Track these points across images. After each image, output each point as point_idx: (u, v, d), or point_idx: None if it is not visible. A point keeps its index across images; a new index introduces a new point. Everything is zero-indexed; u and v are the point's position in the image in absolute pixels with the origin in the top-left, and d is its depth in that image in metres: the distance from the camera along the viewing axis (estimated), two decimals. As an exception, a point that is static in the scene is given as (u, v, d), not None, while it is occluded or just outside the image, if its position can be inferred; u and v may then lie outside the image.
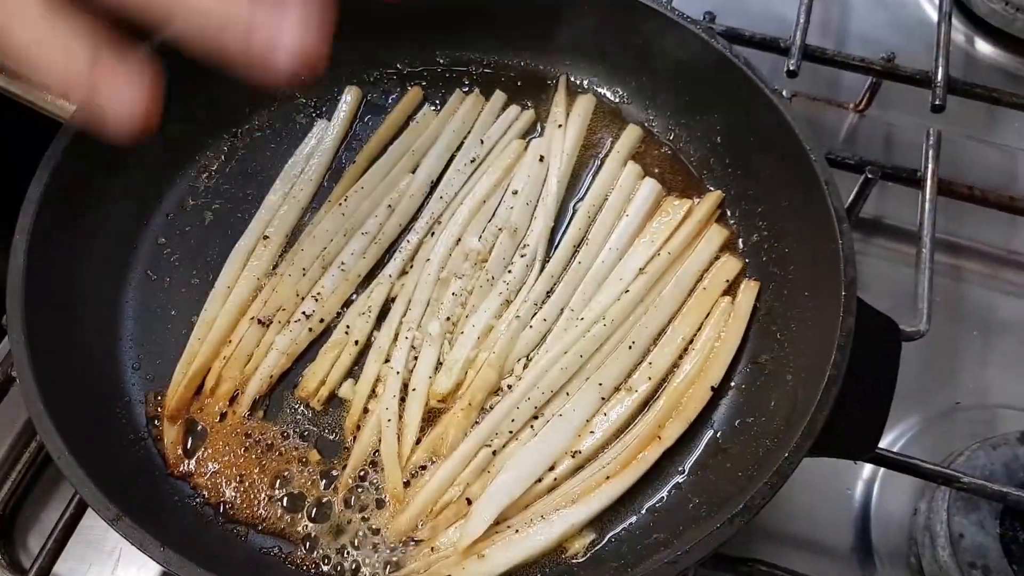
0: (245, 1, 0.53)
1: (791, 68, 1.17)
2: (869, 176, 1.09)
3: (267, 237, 1.00)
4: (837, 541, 0.98)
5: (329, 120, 1.08)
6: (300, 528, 0.85)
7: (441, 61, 1.13)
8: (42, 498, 0.99)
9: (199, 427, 0.90)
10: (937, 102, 1.15)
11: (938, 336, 1.02)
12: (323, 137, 1.07)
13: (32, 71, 0.52)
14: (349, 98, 1.09)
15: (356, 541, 0.84)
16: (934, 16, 1.23)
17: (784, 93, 1.19)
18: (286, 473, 0.87)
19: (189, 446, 0.89)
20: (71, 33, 0.51)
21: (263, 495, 0.86)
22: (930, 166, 1.10)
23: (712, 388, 0.90)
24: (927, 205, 1.07)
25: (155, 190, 1.02)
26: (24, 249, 0.85)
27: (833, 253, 0.85)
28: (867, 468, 1.01)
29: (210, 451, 0.88)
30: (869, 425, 0.84)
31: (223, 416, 0.90)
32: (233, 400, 0.91)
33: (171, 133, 1.02)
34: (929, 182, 1.09)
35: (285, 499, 0.86)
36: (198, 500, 0.86)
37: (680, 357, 0.93)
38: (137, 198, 1.00)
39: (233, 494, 0.86)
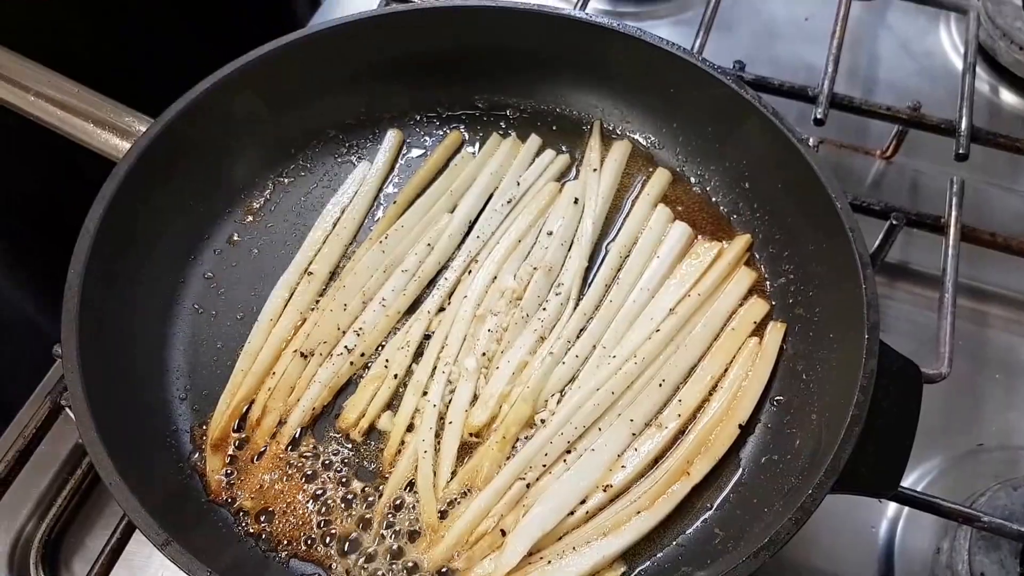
0: None
1: (818, 116, 1.20)
2: (894, 222, 1.11)
3: (311, 272, 1.03)
4: (861, 578, 1.00)
5: (371, 161, 1.12)
6: (339, 556, 0.86)
7: (480, 105, 1.16)
8: (86, 524, 1.01)
9: (242, 456, 0.92)
10: (961, 151, 1.18)
11: (961, 379, 1.04)
12: (365, 177, 1.10)
13: None
14: (391, 140, 1.13)
15: (393, 570, 0.86)
16: (959, 65, 1.25)
17: (811, 140, 1.21)
18: (326, 502, 0.89)
19: (232, 474, 0.91)
20: None
21: (303, 523, 0.88)
22: (954, 213, 1.13)
23: (740, 426, 0.92)
24: (950, 251, 1.09)
25: (204, 227, 1.05)
26: (78, 283, 0.88)
27: (857, 298, 0.87)
28: (891, 506, 1.02)
29: (252, 479, 0.90)
30: (891, 464, 0.85)
31: (266, 446, 0.93)
32: (276, 430, 0.94)
33: (221, 173, 1.06)
34: (952, 229, 1.11)
35: (324, 527, 0.88)
36: (240, 527, 0.88)
37: (709, 395, 0.95)
38: (186, 234, 1.04)
39: (274, 521, 0.88)
